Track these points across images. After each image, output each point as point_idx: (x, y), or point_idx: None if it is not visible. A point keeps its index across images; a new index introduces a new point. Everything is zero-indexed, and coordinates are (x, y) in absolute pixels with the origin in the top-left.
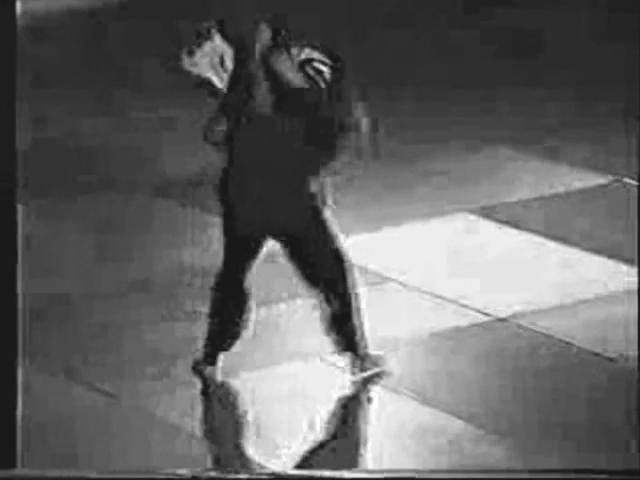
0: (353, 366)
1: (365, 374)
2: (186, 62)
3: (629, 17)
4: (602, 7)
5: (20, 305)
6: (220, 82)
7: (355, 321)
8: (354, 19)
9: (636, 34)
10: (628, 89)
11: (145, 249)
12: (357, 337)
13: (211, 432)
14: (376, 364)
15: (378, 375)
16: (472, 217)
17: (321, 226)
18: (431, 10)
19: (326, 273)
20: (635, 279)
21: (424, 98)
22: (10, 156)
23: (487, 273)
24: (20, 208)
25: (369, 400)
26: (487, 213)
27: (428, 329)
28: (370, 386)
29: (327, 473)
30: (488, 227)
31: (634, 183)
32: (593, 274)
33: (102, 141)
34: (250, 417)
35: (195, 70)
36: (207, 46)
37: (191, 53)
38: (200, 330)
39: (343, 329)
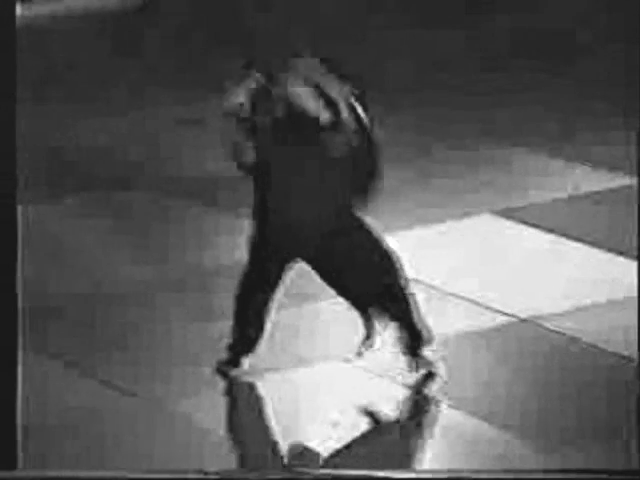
0: (409, 367)
1: (419, 375)
2: (229, 103)
3: None
4: None
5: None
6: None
7: (415, 320)
8: (358, 21)
9: None
10: None
11: (170, 249)
12: (417, 336)
13: (236, 433)
14: (430, 366)
15: (431, 376)
16: (495, 218)
17: (365, 237)
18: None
19: (380, 279)
20: None
21: (447, 101)
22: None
23: (510, 274)
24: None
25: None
26: (510, 214)
27: (450, 330)
28: (422, 388)
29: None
30: (511, 228)
31: None
32: (617, 275)
33: (121, 141)
34: (274, 418)
35: (238, 111)
36: (247, 84)
37: (233, 95)
38: (225, 330)
39: (405, 329)
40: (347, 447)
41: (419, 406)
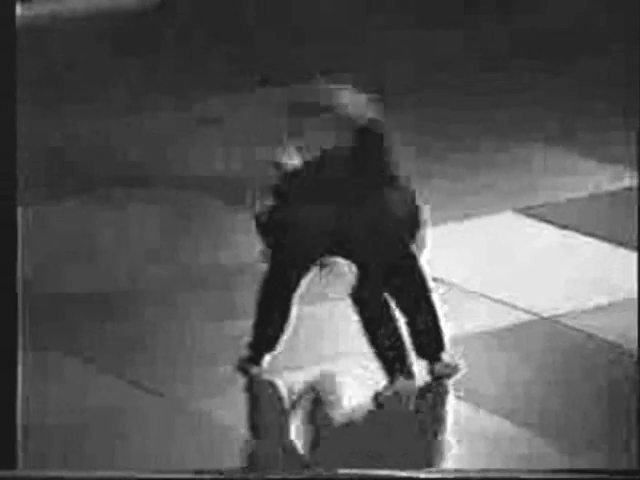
0: (429, 372)
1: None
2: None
3: None
4: None
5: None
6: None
7: (433, 326)
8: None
9: None
10: None
11: (190, 248)
12: (434, 344)
13: (255, 430)
14: (451, 369)
15: (449, 375)
16: (517, 216)
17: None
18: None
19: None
20: None
21: (447, 101)
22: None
23: (532, 272)
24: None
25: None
26: (532, 212)
27: (472, 328)
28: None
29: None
30: (533, 226)
31: None
32: (637, 273)
33: (124, 141)
34: (294, 416)
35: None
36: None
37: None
38: (246, 328)
39: (422, 337)
40: (364, 446)
41: (439, 404)
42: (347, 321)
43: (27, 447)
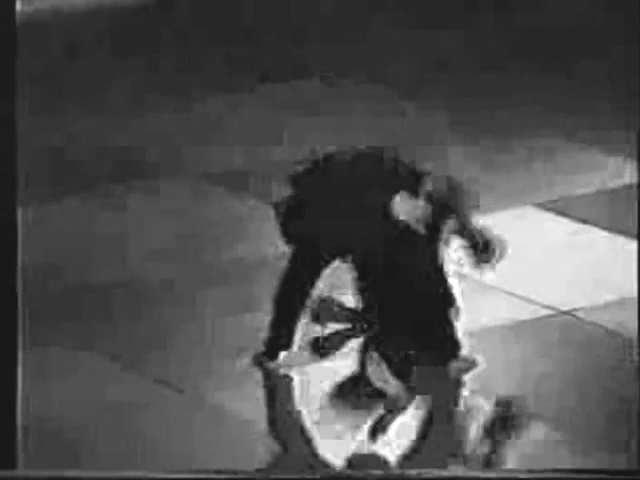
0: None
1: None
2: None
3: None
4: None
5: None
6: None
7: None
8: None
9: None
10: None
11: (211, 241)
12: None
13: (271, 425)
14: (469, 364)
15: (467, 369)
16: (537, 211)
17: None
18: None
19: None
20: None
21: (447, 101)
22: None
23: (550, 266)
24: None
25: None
26: (553, 207)
27: (490, 322)
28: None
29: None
30: (552, 220)
31: None
32: None
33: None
34: (310, 411)
35: None
36: None
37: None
38: (263, 322)
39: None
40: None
41: (456, 400)
42: None
43: (31, 447)
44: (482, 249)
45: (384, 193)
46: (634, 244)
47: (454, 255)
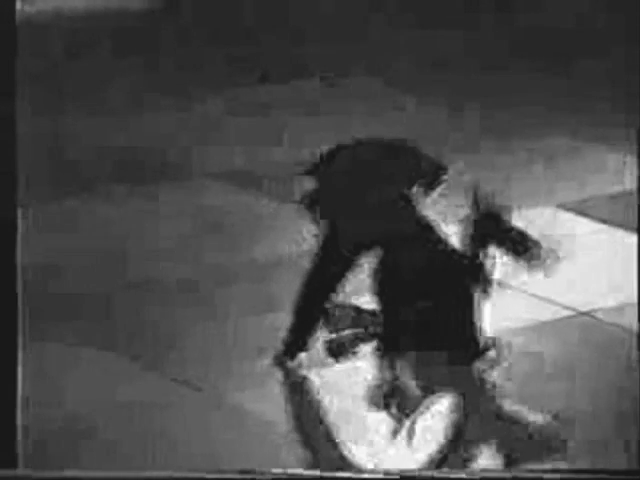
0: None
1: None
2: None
3: None
4: None
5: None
6: None
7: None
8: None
9: None
10: None
11: (230, 242)
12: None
13: (295, 425)
14: (493, 362)
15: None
16: (559, 212)
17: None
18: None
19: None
20: None
21: (447, 100)
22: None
23: (571, 267)
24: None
25: None
26: (575, 208)
27: (511, 323)
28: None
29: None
30: (574, 222)
31: None
32: None
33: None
34: (332, 412)
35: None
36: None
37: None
38: (283, 322)
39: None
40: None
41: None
42: None
43: (33, 447)
44: (524, 251)
45: (404, 185)
46: None
47: (500, 263)
